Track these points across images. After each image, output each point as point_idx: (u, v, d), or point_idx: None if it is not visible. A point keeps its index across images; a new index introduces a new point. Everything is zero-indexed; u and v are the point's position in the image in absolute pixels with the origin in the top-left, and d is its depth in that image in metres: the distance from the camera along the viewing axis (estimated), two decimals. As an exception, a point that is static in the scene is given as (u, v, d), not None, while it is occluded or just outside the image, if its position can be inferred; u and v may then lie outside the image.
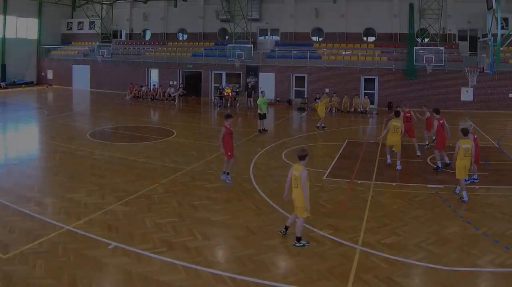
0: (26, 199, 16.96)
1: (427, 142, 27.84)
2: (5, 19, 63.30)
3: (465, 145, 17.70)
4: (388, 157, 23.13)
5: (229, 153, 19.31)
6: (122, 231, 13.95)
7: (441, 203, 17.48)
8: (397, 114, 23.27)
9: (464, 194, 17.63)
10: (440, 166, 22.64)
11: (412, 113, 26.75)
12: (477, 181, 20.09)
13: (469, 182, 19.59)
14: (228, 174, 19.60)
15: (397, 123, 22.48)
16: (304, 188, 12.98)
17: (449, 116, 35.12)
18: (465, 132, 18.24)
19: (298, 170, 13.15)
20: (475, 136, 19.35)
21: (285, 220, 14.99)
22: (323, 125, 35.10)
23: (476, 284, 11.43)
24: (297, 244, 13.14)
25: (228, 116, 20.21)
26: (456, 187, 18.54)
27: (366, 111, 45.25)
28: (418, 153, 25.20)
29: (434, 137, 25.51)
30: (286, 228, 13.94)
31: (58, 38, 72.97)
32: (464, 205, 17.20)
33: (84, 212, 15.56)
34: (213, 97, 54.89)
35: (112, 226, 14.34)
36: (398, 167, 22.23)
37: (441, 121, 22.81)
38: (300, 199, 13.10)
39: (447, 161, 22.88)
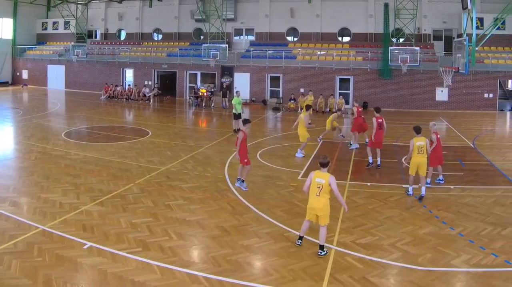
0: (1, 198, 16.90)
1: (367, 140, 27.51)
2: (-21, 19, 62.72)
3: (419, 142, 18.14)
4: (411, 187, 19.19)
5: (246, 160, 18.89)
6: (97, 231, 13.93)
7: (416, 203, 17.58)
8: (417, 130, 18.78)
9: (410, 188, 18.36)
10: (371, 162, 23.56)
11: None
12: (443, 182, 20.19)
13: (436, 181, 20.01)
14: (243, 181, 19.11)
15: (421, 142, 18.31)
16: (337, 194, 12.67)
17: (424, 116, 35.47)
18: (418, 130, 18.61)
19: (324, 177, 12.71)
20: (438, 136, 19.22)
21: (260, 220, 15.25)
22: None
23: (451, 284, 11.48)
24: (321, 253, 12.68)
25: (246, 121, 19.53)
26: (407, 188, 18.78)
27: (341, 111, 45.23)
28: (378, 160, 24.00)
29: (367, 140, 26.00)
30: (301, 238, 13.37)
31: (33, 38, 72.64)
32: (439, 205, 17.27)
33: (59, 212, 15.52)
34: (188, 97, 55.17)
35: (87, 226, 14.31)
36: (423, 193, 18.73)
37: (380, 120, 23.17)
38: (324, 207, 12.66)
39: (371, 161, 23.58)
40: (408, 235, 14.35)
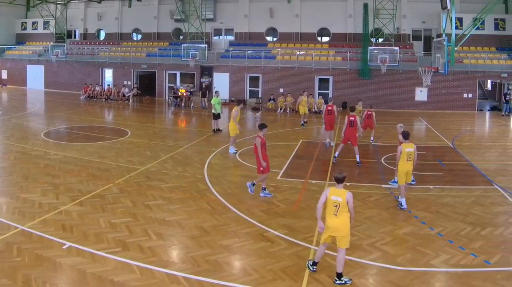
0: (-20, 199, 16.79)
1: (331, 142, 28.67)
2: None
3: (408, 148, 17.24)
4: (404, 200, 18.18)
5: (262, 168, 18.28)
6: (77, 231, 13.90)
7: (395, 203, 17.59)
8: (406, 136, 18.03)
9: (403, 201, 17.14)
10: (327, 143, 26.08)
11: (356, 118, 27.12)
12: (414, 183, 19.68)
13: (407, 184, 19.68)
14: (265, 189, 18.54)
15: (410, 149, 17.53)
16: (352, 214, 11.48)
17: (403, 116, 35.59)
18: (406, 136, 17.73)
19: (341, 195, 11.39)
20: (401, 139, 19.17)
21: (239, 220, 15.31)
22: (305, 120, 37.35)
23: (431, 284, 11.49)
24: (337, 282, 11.30)
25: (263, 126, 18.79)
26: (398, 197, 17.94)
27: (321, 111, 45.34)
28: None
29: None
30: (315, 264, 11.94)
31: (12, 38, 72.33)
32: (418, 205, 17.32)
33: (38, 212, 15.47)
34: (167, 97, 54.97)
35: (67, 226, 14.27)
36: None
37: (351, 118, 23.60)
38: (343, 227, 11.34)
39: (332, 143, 25.76)
40: (388, 235, 14.40)
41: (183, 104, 49.70)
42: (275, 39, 60.20)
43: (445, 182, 20.74)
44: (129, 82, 58.33)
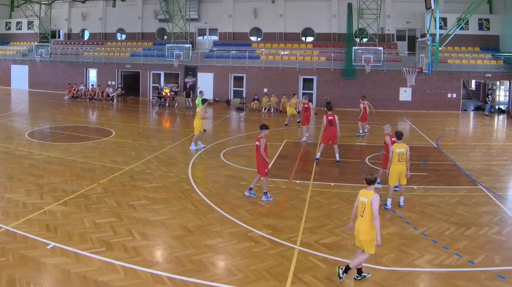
0: (-36, 199, 16.75)
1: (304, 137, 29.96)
2: None
3: (399, 149, 17.03)
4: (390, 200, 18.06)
5: (266, 170, 18.07)
6: (61, 231, 13.86)
7: (380, 203, 17.55)
8: (398, 136, 17.62)
9: (389, 201, 17.16)
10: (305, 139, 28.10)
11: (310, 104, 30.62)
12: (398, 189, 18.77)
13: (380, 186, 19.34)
14: (266, 192, 18.09)
15: (401, 149, 17.25)
16: (376, 217, 11.06)
17: (387, 116, 35.71)
18: (399, 136, 17.45)
19: (367, 196, 11.32)
20: (393, 139, 18.82)
21: (223, 220, 15.33)
22: (298, 120, 37.79)
23: (415, 284, 11.55)
24: (358, 278, 11.48)
25: (265, 126, 18.35)
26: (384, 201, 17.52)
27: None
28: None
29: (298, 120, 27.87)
30: (360, 271, 11.61)
31: (-4, 38, 71.73)
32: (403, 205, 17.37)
33: (22, 212, 15.43)
34: (151, 97, 55.02)
35: (51, 226, 14.23)
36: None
37: (330, 117, 23.85)
38: (366, 230, 11.21)
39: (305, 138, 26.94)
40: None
41: (167, 104, 49.74)
42: (259, 39, 60.26)
43: (429, 182, 20.83)
44: (113, 82, 58.20)
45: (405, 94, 48.55)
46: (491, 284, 11.19)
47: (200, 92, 35.25)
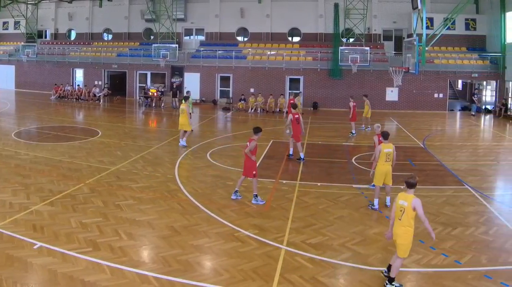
0: (-50, 199, 16.69)
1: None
2: None
3: (387, 149, 17.02)
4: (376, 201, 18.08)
5: (254, 172, 17.87)
6: (48, 231, 13.81)
7: (366, 203, 17.68)
8: (385, 136, 17.51)
9: (376, 201, 17.19)
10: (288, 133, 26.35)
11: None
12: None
13: (371, 186, 19.53)
14: (256, 195, 17.84)
15: (388, 149, 17.30)
16: (425, 220, 10.99)
17: (374, 116, 35.76)
18: (386, 136, 17.35)
19: (408, 200, 11.07)
20: (380, 138, 19.02)
21: (210, 220, 15.30)
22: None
23: (402, 284, 11.45)
24: (387, 286, 11.20)
25: (258, 129, 18.55)
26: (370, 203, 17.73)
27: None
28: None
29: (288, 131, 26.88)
30: (390, 278, 11.36)
31: (-17, 38, 71.39)
32: (389, 205, 17.24)
33: (9, 212, 15.36)
34: (138, 97, 54.91)
35: (38, 226, 14.18)
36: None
37: (296, 116, 24.41)
38: (405, 235, 11.05)
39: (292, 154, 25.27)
40: (358, 235, 14.45)
41: (153, 104, 49.73)
42: (246, 39, 60.32)
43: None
44: (100, 82, 58.17)
45: (391, 94, 48.74)
46: (478, 284, 11.22)
47: (187, 92, 35.17)
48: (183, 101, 28.94)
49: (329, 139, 30.74)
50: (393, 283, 11.17)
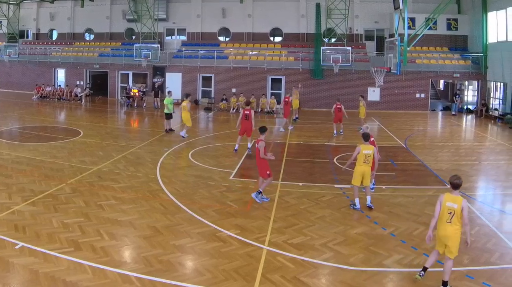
0: None
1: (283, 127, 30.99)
2: None
3: (366, 150, 16.99)
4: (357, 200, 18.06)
5: (268, 171, 17.78)
6: (29, 231, 13.78)
7: (348, 203, 17.68)
8: (365, 138, 17.70)
9: (357, 201, 17.17)
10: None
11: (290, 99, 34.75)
12: (373, 190, 19.20)
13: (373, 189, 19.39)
14: (260, 193, 17.91)
15: (368, 151, 17.26)
16: (467, 223, 10.90)
17: (356, 116, 35.81)
18: (366, 137, 17.52)
19: (457, 202, 10.93)
20: (372, 139, 19.00)
21: (192, 220, 15.32)
22: (296, 116, 39.38)
23: (383, 284, 11.58)
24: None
25: (264, 129, 18.51)
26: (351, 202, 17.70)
27: (273, 111, 45.86)
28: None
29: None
30: (425, 269, 11.55)
31: (-36, 38, 70.87)
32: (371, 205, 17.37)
33: (-10, 212, 15.33)
34: (119, 97, 54.75)
35: (19, 226, 14.15)
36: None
37: (246, 112, 25.84)
38: (456, 236, 10.97)
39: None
40: (340, 235, 14.46)
41: (135, 104, 49.68)
42: (227, 39, 60.38)
43: (397, 182, 20.97)
44: (82, 82, 57.97)
45: (373, 94, 48.86)
46: (460, 284, 11.28)
47: (169, 92, 35.06)
48: (184, 98, 31.08)
49: (311, 140, 30.81)
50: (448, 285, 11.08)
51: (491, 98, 47.71)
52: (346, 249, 13.27)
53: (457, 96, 49.64)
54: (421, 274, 11.46)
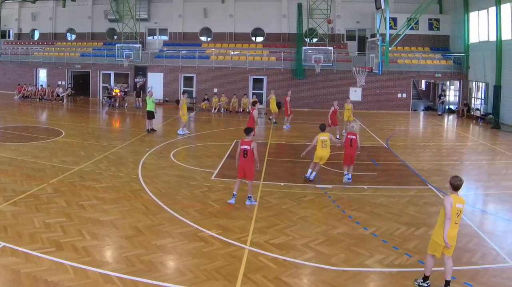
0: None
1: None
2: None
3: (322, 137, 20.17)
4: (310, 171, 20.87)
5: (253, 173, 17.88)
6: (11, 231, 13.76)
7: (329, 203, 17.75)
8: (322, 128, 20.78)
9: (312, 174, 20.14)
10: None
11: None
12: (351, 181, 20.48)
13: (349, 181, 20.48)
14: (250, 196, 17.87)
15: (324, 137, 20.36)
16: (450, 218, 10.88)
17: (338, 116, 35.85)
18: (323, 128, 20.64)
19: (462, 202, 11.18)
20: (355, 137, 20.28)
21: (173, 220, 15.40)
22: (274, 120, 38.92)
23: (364, 284, 11.62)
24: (421, 283, 11.25)
25: (250, 129, 18.43)
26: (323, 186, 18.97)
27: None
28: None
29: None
30: (427, 278, 11.30)
31: None
32: (352, 205, 17.48)
33: (-28, 212, 15.26)
34: (101, 97, 54.60)
35: (1, 226, 14.11)
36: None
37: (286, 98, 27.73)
38: (456, 236, 11.14)
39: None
40: (322, 235, 14.48)
41: (117, 104, 49.56)
42: (209, 39, 60.35)
43: (379, 182, 21.02)
44: (63, 82, 57.70)
45: (355, 94, 48.78)
46: (442, 284, 11.23)
47: (149, 91, 34.99)
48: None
49: (292, 139, 30.86)
50: (427, 282, 11.21)
51: (473, 98, 47.99)
52: (327, 249, 13.30)
53: (442, 97, 49.87)
54: (427, 283, 11.25)
